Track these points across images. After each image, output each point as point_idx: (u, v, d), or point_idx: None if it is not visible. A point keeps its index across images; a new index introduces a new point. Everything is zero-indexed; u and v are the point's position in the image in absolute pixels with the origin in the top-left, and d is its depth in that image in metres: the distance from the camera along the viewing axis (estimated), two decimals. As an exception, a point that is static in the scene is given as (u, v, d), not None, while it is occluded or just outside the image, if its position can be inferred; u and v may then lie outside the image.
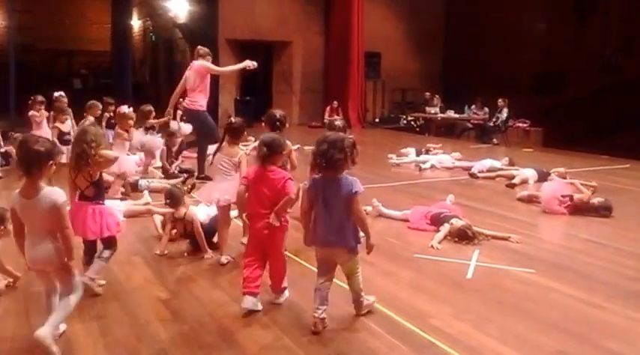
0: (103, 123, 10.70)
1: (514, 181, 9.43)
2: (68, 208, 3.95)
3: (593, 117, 16.35)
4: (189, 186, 8.56)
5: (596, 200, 7.68)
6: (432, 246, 6.11)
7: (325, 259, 4.30)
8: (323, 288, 4.24)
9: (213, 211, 6.19)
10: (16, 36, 18.69)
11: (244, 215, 4.65)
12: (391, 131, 19.06)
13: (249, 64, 8.89)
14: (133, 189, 8.27)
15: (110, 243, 4.88)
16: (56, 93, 10.30)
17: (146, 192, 8.03)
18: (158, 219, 6.51)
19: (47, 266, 3.82)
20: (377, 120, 21.35)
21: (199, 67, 9.35)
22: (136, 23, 25.52)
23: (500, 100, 16.53)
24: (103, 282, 4.94)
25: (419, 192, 8.94)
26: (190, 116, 9.99)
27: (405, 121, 19.55)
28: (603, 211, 7.54)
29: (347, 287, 4.46)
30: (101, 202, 4.80)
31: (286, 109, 8.68)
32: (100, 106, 10.09)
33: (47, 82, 17.16)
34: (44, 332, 3.66)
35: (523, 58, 19.31)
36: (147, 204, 7.41)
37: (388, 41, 21.21)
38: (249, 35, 19.11)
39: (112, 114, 10.77)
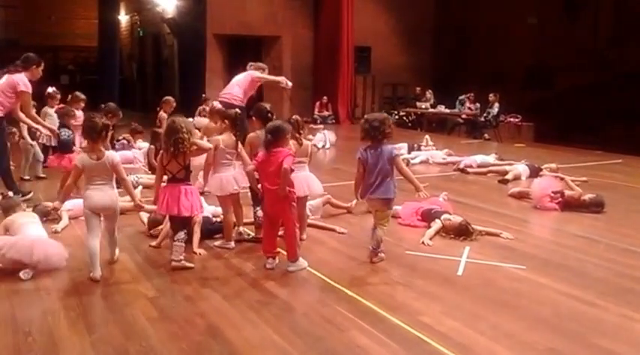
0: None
1: (507, 177, 9.41)
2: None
3: (584, 111, 16.36)
4: None
5: (587, 196, 7.65)
6: (422, 243, 6.08)
7: (372, 208, 5.56)
8: (378, 232, 5.47)
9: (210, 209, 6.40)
10: (0, 31, 18.52)
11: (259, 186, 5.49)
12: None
13: (284, 82, 8.67)
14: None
15: (186, 223, 5.39)
16: (50, 89, 10.24)
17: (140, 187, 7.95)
18: (144, 215, 6.45)
19: (108, 210, 5.15)
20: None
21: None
22: (123, 18, 25.36)
23: (491, 95, 16.52)
24: (192, 265, 5.31)
25: (409, 187, 8.88)
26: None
27: (396, 117, 19.52)
28: (595, 207, 7.53)
29: (337, 285, 4.54)
30: (190, 183, 5.38)
31: (276, 104, 8.63)
32: (84, 98, 10.00)
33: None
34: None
35: (513, 53, 19.30)
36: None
37: (378, 36, 21.17)
38: (238, 30, 19.03)
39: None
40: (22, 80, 7.50)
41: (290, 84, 8.58)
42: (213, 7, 18.47)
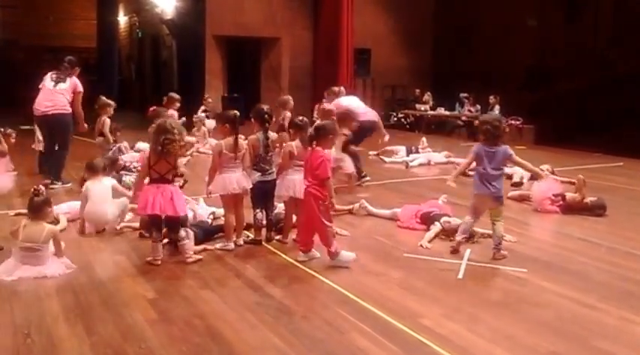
0: None
1: (515, 180, 9.25)
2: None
3: (585, 113, 16.34)
4: (181, 184, 8.52)
5: (589, 199, 7.63)
6: (421, 246, 6.06)
7: (480, 205, 5.86)
8: (468, 223, 5.88)
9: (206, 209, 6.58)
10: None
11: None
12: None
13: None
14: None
15: (178, 223, 5.49)
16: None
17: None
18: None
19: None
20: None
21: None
22: (122, 19, 25.35)
23: (491, 97, 16.48)
24: (200, 257, 5.52)
25: (408, 190, 8.90)
26: None
27: (395, 118, 19.50)
28: (597, 210, 7.51)
29: (337, 288, 4.55)
30: (174, 184, 5.51)
31: (275, 106, 8.60)
32: (178, 98, 10.67)
33: (32, 78, 16.96)
34: None
35: (514, 54, 19.27)
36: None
37: (378, 38, 21.14)
38: (237, 31, 19.00)
39: None
40: (79, 82, 8.80)
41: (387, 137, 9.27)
42: (212, 9, 18.44)
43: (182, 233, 5.45)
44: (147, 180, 5.45)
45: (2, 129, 7.45)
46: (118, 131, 9.66)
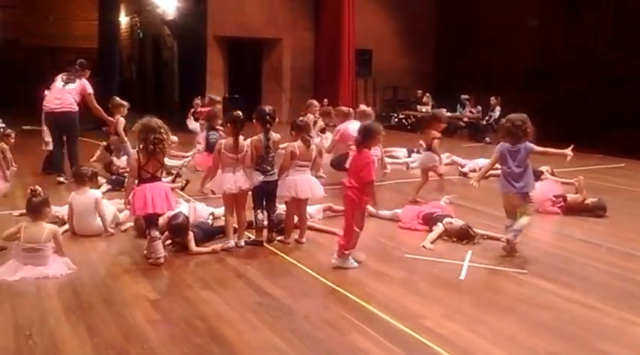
0: None
1: None
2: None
3: (586, 114, 16.31)
4: (183, 184, 8.60)
5: (590, 200, 7.64)
6: (423, 247, 6.07)
7: (509, 203, 5.96)
8: (509, 223, 5.95)
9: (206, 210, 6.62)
10: (-1, 32, 18.53)
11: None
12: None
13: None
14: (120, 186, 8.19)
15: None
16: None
17: None
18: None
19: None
20: (366, 117, 21.27)
21: None
22: (123, 20, 25.32)
23: (492, 98, 16.47)
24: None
25: (409, 191, 8.89)
26: None
27: (396, 119, 19.48)
28: (598, 211, 7.52)
29: (338, 288, 4.62)
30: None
31: (276, 107, 8.63)
32: (219, 100, 11.48)
33: (32, 79, 16.98)
34: None
35: (514, 54, 19.27)
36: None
37: (379, 38, 21.14)
38: (238, 32, 19.02)
39: None
40: (88, 84, 9.36)
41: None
42: (214, 9, 18.44)
43: (155, 232, 5.46)
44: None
45: (1, 130, 7.50)
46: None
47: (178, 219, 5.77)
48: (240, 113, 6.09)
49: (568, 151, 6.06)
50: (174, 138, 8.56)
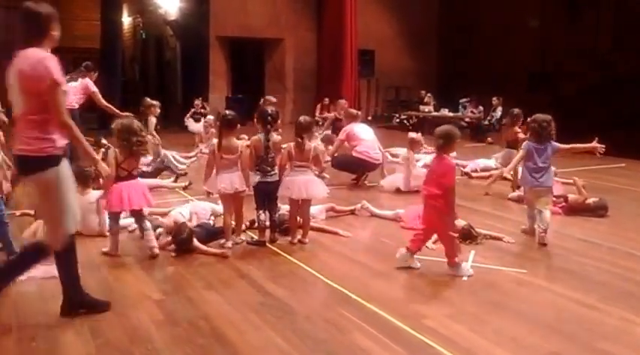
0: None
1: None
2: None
3: (587, 114, 16.29)
4: (186, 184, 8.65)
5: (591, 200, 7.63)
6: (426, 246, 6.06)
7: (530, 197, 6.49)
8: (530, 214, 6.51)
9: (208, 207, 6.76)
10: (1, 32, 18.52)
11: None
12: (384, 130, 18.97)
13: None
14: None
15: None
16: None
17: None
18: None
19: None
20: (369, 118, 21.30)
21: None
22: (126, 20, 25.32)
23: (494, 99, 16.46)
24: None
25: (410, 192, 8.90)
26: None
27: (397, 120, 19.49)
28: (599, 211, 7.52)
29: (340, 288, 4.63)
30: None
31: (279, 107, 8.72)
32: None
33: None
34: None
35: (516, 56, 19.27)
36: None
37: (382, 39, 21.16)
38: (241, 32, 19.04)
39: None
40: (91, 83, 9.86)
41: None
42: (216, 10, 18.49)
43: (147, 224, 5.76)
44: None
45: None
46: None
47: (183, 234, 5.77)
48: (229, 113, 6.07)
49: (596, 144, 6.64)
50: (150, 139, 8.72)
